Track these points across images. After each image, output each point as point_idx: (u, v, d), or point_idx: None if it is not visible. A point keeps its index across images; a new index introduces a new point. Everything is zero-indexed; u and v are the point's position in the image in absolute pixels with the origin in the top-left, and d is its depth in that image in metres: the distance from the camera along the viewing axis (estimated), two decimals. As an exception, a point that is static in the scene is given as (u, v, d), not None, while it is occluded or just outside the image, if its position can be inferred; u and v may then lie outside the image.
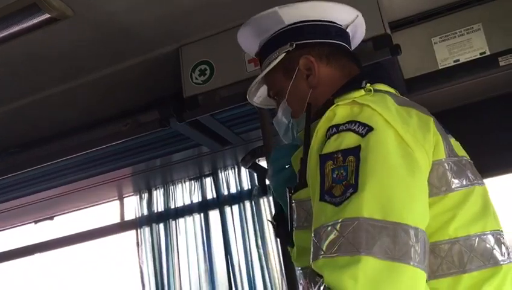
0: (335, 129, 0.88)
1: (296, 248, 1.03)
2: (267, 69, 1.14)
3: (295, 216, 1.01)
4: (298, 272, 1.04)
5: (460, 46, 2.02)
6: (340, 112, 0.91)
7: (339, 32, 1.15)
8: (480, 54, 2.00)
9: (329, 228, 0.80)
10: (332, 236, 0.79)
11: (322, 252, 0.80)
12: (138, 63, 2.15)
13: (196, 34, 2.08)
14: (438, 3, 2.06)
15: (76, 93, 2.31)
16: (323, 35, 1.13)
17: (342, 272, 0.75)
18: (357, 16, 1.19)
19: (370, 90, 0.95)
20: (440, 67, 2.04)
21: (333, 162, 0.85)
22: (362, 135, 0.85)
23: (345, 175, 0.83)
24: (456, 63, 2.02)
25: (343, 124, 0.88)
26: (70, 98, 2.34)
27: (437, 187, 0.87)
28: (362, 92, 0.94)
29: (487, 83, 2.17)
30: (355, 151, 0.84)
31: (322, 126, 0.92)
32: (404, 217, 0.78)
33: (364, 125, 0.86)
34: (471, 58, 2.01)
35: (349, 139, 0.85)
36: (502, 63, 1.95)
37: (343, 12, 1.17)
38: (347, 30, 1.19)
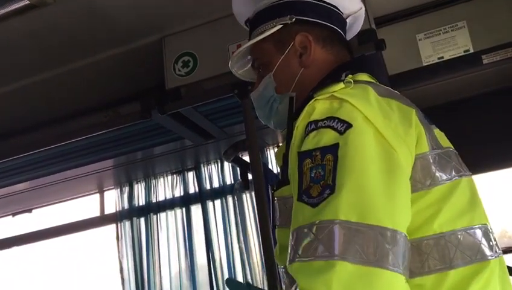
0: (314, 125, 0.85)
1: (279, 246, 1.01)
2: (259, 38, 1.09)
3: (278, 214, 0.99)
4: (281, 270, 1.02)
5: (444, 43, 2.03)
6: (319, 106, 0.88)
7: (339, 19, 1.13)
8: (464, 51, 2.00)
9: (305, 230, 0.77)
10: (308, 239, 0.76)
11: (298, 256, 0.77)
12: (120, 53, 2.11)
13: (180, 24, 2.04)
14: (423, 0, 2.06)
15: (55, 83, 2.25)
16: (325, 17, 1.09)
17: (316, 278, 0.73)
18: (361, 8, 1.18)
19: (350, 82, 0.91)
20: (424, 64, 2.05)
21: (311, 160, 0.82)
22: (341, 133, 0.82)
23: (322, 174, 0.80)
24: (440, 60, 2.03)
25: (322, 120, 0.85)
26: (49, 87, 2.29)
27: (421, 182, 0.85)
28: (341, 85, 0.90)
29: (471, 81, 2.18)
30: (333, 149, 0.81)
31: (301, 122, 0.89)
32: (381, 220, 0.75)
33: (343, 122, 0.83)
34: (455, 56, 2.01)
35: (327, 137, 0.83)
36: (485, 61, 1.96)
37: (349, 1, 1.15)
38: (346, 20, 1.16)
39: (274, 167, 3.07)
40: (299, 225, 0.80)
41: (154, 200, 3.39)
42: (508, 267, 0.95)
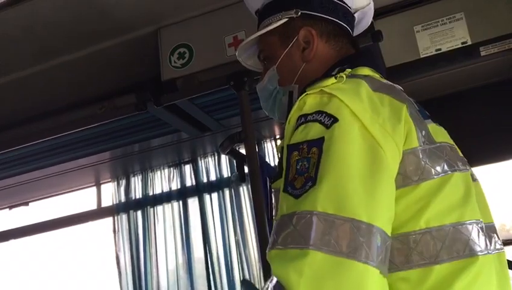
0: (303, 119, 0.87)
1: None
2: (264, 30, 1.12)
3: (274, 205, 1.00)
4: None
5: (442, 35, 2.01)
6: (309, 101, 0.89)
7: (346, 14, 1.13)
8: (462, 43, 1.98)
9: (286, 220, 0.80)
10: (287, 228, 0.79)
11: (276, 244, 0.79)
12: (115, 44, 2.09)
13: (176, 16, 2.02)
14: (420, -8, 2.05)
15: (50, 76, 2.23)
16: (331, 12, 1.10)
17: (288, 265, 0.75)
18: (369, 3, 1.19)
19: (342, 77, 0.92)
20: (422, 56, 2.03)
21: (299, 152, 0.85)
22: (327, 126, 0.83)
23: (307, 167, 0.82)
24: (437, 52, 2.01)
25: (311, 114, 0.87)
26: (44, 80, 2.26)
27: (409, 177, 0.85)
28: (332, 80, 0.91)
29: (468, 73, 2.17)
30: (319, 142, 0.83)
31: (293, 115, 0.90)
32: (357, 213, 0.76)
33: (330, 116, 0.84)
34: (452, 48, 1.99)
35: (314, 130, 0.84)
36: (483, 53, 1.95)
37: None
38: (354, 15, 1.17)
39: (271, 159, 3.07)
40: (281, 215, 0.82)
41: (151, 193, 3.39)
42: (508, 261, 0.94)
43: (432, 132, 0.93)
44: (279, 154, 1.00)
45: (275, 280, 0.78)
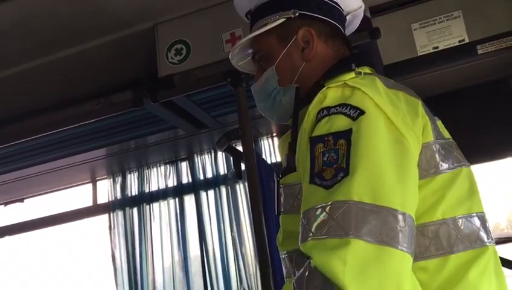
0: (326, 112, 0.88)
1: (282, 232, 1.04)
2: (262, 30, 1.11)
3: (282, 200, 1.02)
4: (283, 256, 1.05)
5: (439, 33, 2.01)
6: (331, 94, 0.91)
7: (340, 16, 1.16)
8: (459, 41, 1.98)
9: (319, 210, 0.80)
10: (322, 218, 0.80)
11: (311, 234, 0.80)
12: (112, 40, 2.08)
13: (173, 11, 2.02)
14: (418, -11, 2.05)
15: (46, 71, 2.22)
16: (327, 13, 1.12)
17: (331, 254, 0.76)
18: (361, 6, 1.21)
19: (360, 72, 0.95)
20: (419, 54, 2.03)
21: (324, 145, 0.86)
22: (353, 118, 0.85)
23: (335, 158, 0.83)
24: (435, 50, 2.01)
25: (335, 106, 0.88)
26: (40, 75, 2.25)
27: (426, 170, 0.89)
28: (352, 74, 0.95)
29: (466, 71, 2.17)
30: (347, 134, 0.84)
31: (313, 108, 0.92)
32: (393, 202, 0.79)
33: (355, 108, 0.86)
34: (450, 46, 1.99)
35: (340, 122, 0.86)
36: (480, 51, 1.95)
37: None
38: (346, 17, 1.19)
39: (268, 156, 3.06)
40: (312, 206, 0.83)
41: (147, 190, 3.39)
42: (501, 257, 0.97)
43: (440, 128, 0.98)
44: (285, 151, 1.01)
45: (307, 271, 0.78)
